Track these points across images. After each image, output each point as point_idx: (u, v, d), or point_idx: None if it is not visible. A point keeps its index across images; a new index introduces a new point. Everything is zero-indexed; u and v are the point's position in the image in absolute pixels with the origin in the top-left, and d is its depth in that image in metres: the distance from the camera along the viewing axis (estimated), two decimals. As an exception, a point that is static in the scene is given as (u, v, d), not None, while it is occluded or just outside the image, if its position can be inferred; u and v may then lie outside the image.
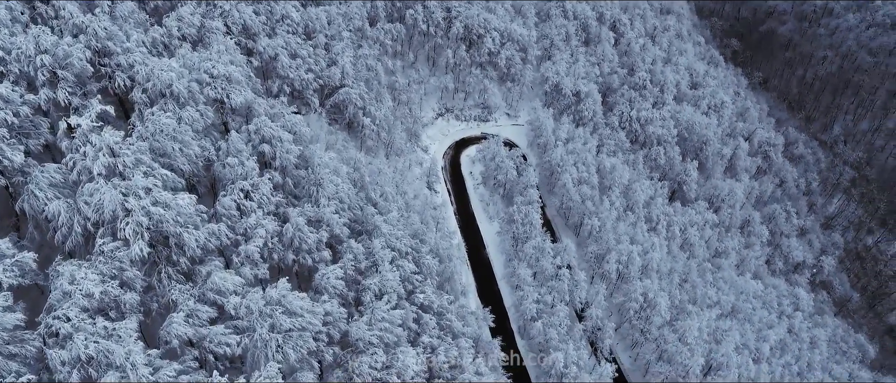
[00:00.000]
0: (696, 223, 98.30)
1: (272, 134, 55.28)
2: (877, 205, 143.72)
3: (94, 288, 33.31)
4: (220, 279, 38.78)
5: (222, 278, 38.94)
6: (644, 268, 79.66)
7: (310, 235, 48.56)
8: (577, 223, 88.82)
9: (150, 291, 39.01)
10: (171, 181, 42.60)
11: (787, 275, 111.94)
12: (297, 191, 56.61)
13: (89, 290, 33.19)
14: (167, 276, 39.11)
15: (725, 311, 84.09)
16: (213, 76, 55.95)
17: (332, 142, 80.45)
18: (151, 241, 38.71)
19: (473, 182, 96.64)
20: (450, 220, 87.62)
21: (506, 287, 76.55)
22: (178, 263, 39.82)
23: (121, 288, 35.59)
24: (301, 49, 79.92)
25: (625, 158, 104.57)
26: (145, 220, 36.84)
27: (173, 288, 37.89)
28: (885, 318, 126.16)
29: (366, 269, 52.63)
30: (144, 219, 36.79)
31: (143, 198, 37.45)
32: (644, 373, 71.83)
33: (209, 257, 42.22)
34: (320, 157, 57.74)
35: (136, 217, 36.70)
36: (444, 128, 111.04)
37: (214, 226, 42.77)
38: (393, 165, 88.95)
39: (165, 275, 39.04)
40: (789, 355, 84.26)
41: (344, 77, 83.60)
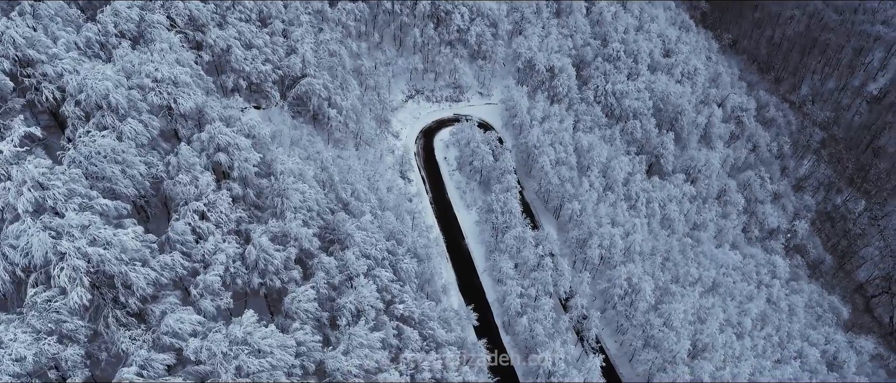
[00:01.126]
0: (674, 197, 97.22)
1: (228, 141, 50.51)
2: (845, 165, 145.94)
3: (27, 350, 29.10)
4: (176, 321, 34.83)
5: (178, 319, 34.99)
6: (626, 250, 78.14)
7: (276, 255, 44.64)
8: (557, 206, 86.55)
9: (96, 339, 34.88)
10: (113, 210, 37.98)
11: (763, 242, 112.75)
12: (261, 200, 52.32)
13: (20, 354, 28.98)
14: (115, 320, 34.97)
15: (707, 287, 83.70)
16: (156, 80, 50.53)
17: (297, 138, 75.50)
18: (94, 283, 34.39)
19: (448, 168, 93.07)
20: (426, 211, 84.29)
21: (488, 280, 74.16)
22: (127, 304, 35.66)
23: (60, 344, 31.40)
24: (256, 38, 74.03)
25: (602, 134, 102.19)
26: (83, 264, 32.41)
27: (123, 336, 33.82)
28: (854, 276, 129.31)
29: (340, 284, 49.19)
30: (82, 262, 32.35)
31: (79, 238, 32.91)
32: (630, 358, 70.98)
33: (163, 292, 38.08)
34: (283, 163, 53.29)
35: (71, 261, 32.25)
36: (415, 111, 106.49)
37: (167, 257, 38.52)
38: (363, 157, 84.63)
39: (113, 319, 34.87)
40: (770, 326, 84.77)
41: (305, 66, 78.09)
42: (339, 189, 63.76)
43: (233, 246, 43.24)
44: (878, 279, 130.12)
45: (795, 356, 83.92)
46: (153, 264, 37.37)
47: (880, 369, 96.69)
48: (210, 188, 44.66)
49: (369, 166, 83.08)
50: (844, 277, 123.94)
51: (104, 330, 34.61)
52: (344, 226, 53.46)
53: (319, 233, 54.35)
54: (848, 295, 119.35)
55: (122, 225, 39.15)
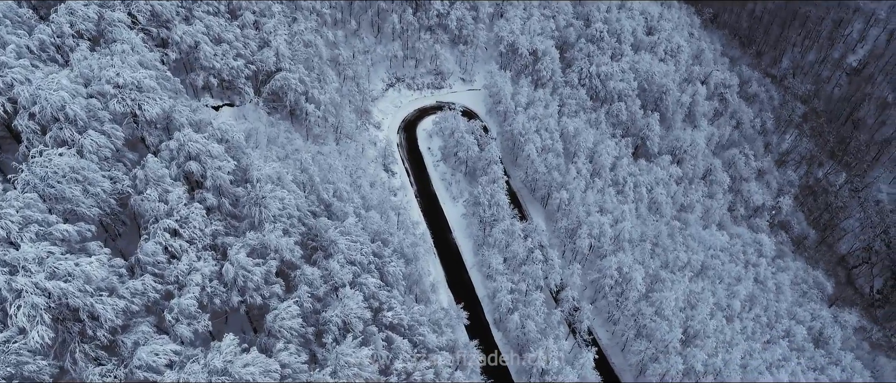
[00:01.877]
0: (661, 180, 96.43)
1: (199, 149, 47.62)
2: (826, 139, 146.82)
3: (-16, 401, 26.73)
4: (150, 354, 32.57)
5: (152, 351, 32.74)
6: (616, 238, 77.19)
7: (255, 270, 42.32)
8: (545, 195, 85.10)
9: (64, 376, 32.53)
10: (75, 235, 35.29)
11: (749, 220, 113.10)
12: (238, 209, 49.72)
13: (-23, 406, 26.59)
14: (83, 356, 32.60)
15: (696, 271, 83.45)
16: (118, 86, 47.25)
17: (274, 136, 72.45)
18: (57, 317, 31.91)
19: (433, 158, 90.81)
20: (411, 205, 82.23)
21: (477, 275, 72.72)
22: (96, 337, 33.26)
23: (23, 389, 29.06)
24: (226, 32, 70.28)
25: (587, 118, 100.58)
26: (42, 300, 29.89)
27: (92, 373, 31.53)
28: (836, 248, 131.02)
29: (325, 296, 47.16)
30: (41, 299, 29.82)
31: (36, 272, 30.31)
32: (622, 348, 70.53)
33: (135, 320, 35.69)
34: (259, 169, 50.56)
35: (29, 298, 29.69)
36: (396, 100, 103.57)
37: (137, 282, 36.04)
38: (344, 152, 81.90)
39: (80, 354, 32.50)
40: (758, 307, 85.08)
41: (279, 60, 74.62)
42: (321, 190, 61.28)
43: (209, 264, 40.78)
44: (859, 250, 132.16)
45: (783, 335, 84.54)
46: (122, 291, 34.91)
47: (864, 342, 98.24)
48: (181, 203, 41.96)
49: (351, 161, 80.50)
50: (827, 251, 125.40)
51: (71, 367, 32.26)
52: (327, 232, 51.20)
53: (302, 241, 52.04)
54: (831, 269, 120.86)
55: (86, 249, 36.55)
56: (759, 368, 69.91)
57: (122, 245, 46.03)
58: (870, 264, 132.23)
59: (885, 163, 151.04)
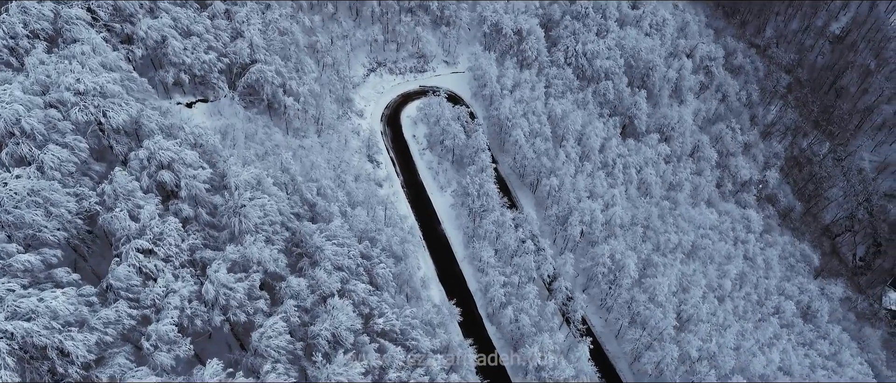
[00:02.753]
0: (650, 160, 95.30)
1: (172, 157, 44.91)
2: (810, 108, 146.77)
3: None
4: (127, 391, 30.57)
5: (130, 388, 30.73)
6: (607, 224, 76.14)
7: (237, 287, 40.20)
8: (534, 181, 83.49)
9: (36, 419, 30.43)
10: (39, 264, 32.78)
11: (736, 195, 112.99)
12: (216, 219, 47.26)
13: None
14: (56, 395, 30.48)
15: (687, 251, 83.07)
16: (79, 93, 44.06)
17: (251, 132, 69.45)
18: (23, 357, 29.65)
19: (418, 147, 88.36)
20: (398, 197, 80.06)
21: (469, 268, 71.30)
22: (67, 374, 31.10)
23: (-11, 440, 26.96)
24: (195, 24, 66.41)
25: (574, 98, 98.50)
26: (3, 345, 27.57)
27: (66, 415, 29.48)
28: (821, 219, 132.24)
29: (313, 307, 45.28)
30: (1, 344, 27.49)
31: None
32: (617, 335, 70.13)
33: (110, 351, 33.54)
34: (237, 175, 47.89)
35: (-10, 343, 27.37)
36: (378, 86, 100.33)
37: (110, 311, 33.77)
38: (327, 144, 79.14)
39: (53, 394, 30.38)
40: (748, 285, 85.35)
41: (254, 51, 71.03)
42: (303, 190, 58.86)
43: (187, 283, 38.56)
44: (842, 219, 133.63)
45: (773, 311, 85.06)
46: (94, 322, 32.66)
47: (849, 313, 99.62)
48: (154, 220, 39.40)
49: (334, 154, 77.84)
50: (812, 221, 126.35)
51: (43, 409, 30.15)
52: (312, 238, 49.03)
53: (286, 247, 49.89)
54: (816, 240, 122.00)
55: (52, 277, 34.12)
56: (752, 349, 70.14)
57: (94, 263, 43.52)
58: (852, 232, 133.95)
59: (867, 130, 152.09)
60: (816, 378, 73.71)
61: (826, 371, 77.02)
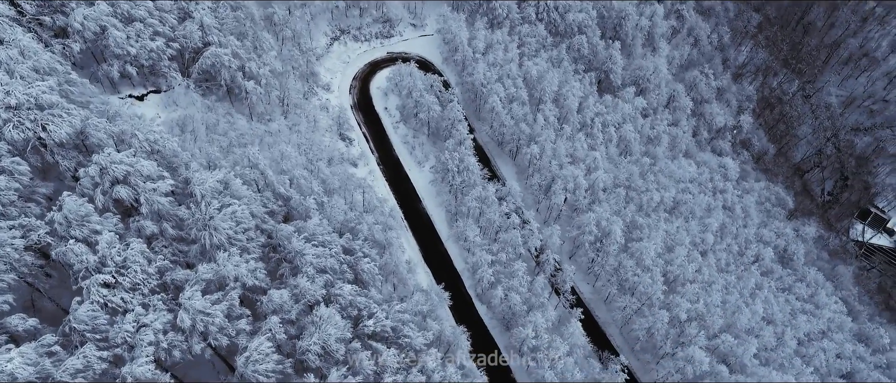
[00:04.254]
0: (628, 116, 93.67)
1: (127, 170, 40.93)
2: (780, 47, 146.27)
3: None
4: (107, 449, 28.19)
5: (109, 445, 28.34)
6: (590, 189, 74.90)
7: (215, 310, 37.48)
8: (514, 148, 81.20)
9: None
10: (-11, 319, 29.40)
11: (712, 143, 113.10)
12: (184, 231, 43.87)
13: None
14: (28, 461, 27.94)
15: (669, 207, 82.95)
16: (11, 107, 39.22)
17: (212, 122, 64.86)
18: (-15, 427, 26.85)
19: (391, 120, 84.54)
20: (375, 176, 76.91)
21: (454, 247, 69.57)
22: (39, 437, 28.48)
23: None
24: (136, 8, 60.20)
25: (548, 56, 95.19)
26: (-41, 424, 24.70)
27: None
28: (792, 158, 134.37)
29: (299, 317, 43.00)
30: (-44, 423, 24.62)
31: (-56, 389, 24.83)
32: (606, 299, 70.17)
33: (84, 401, 30.88)
34: (202, 183, 44.12)
35: (-59, 423, 24.43)
36: (343, 55, 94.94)
37: (76, 360, 30.88)
38: (295, 127, 74.74)
39: (24, 461, 27.82)
40: (729, 236, 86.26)
41: (205, 32, 65.30)
42: (276, 184, 55.35)
43: (160, 313, 35.68)
44: (812, 155, 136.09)
45: (754, 260, 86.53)
46: (60, 375, 29.78)
47: (823, 251, 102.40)
48: (115, 247, 35.94)
49: (303, 137, 73.67)
50: (784, 162, 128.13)
51: None
52: (290, 242, 46.18)
53: (263, 254, 47.04)
54: (788, 180, 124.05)
55: (5, 327, 30.92)
56: (737, 304, 71.24)
57: (54, 293, 40.02)
58: (821, 168, 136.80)
59: (833, 66, 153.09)
60: (798, 323, 75.79)
61: (806, 315, 79.29)
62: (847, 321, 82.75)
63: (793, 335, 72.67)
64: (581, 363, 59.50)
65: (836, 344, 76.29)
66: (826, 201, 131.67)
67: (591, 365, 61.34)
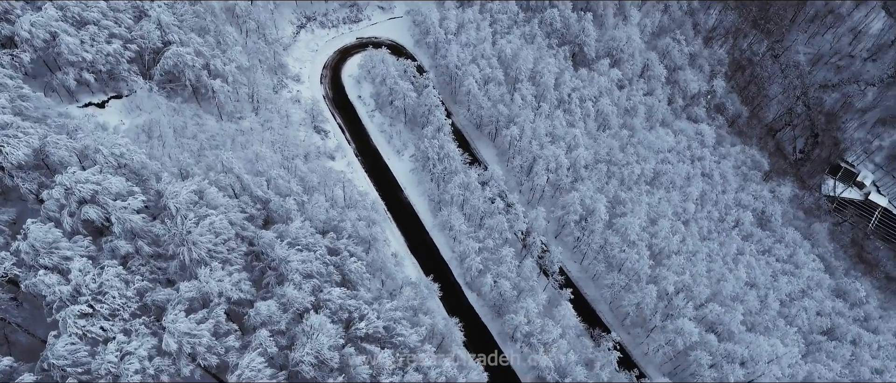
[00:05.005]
0: (604, 89, 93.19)
1: (94, 189, 38.86)
2: (749, 7, 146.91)
3: None
4: None
5: None
6: (572, 167, 74.58)
7: (201, 330, 36.16)
8: (493, 131, 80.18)
9: None
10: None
11: (687, 109, 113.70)
12: (162, 247, 42.11)
13: None
14: None
15: (649, 179, 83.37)
16: (-40, 131, 36.59)
17: (180, 126, 62.27)
18: None
19: (366, 109, 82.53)
20: (354, 168, 75.23)
21: (440, 236, 68.80)
22: None
23: None
24: (88, 11, 56.72)
25: (521, 32, 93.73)
26: None
27: None
28: (764, 118, 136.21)
29: (289, 326, 41.91)
30: None
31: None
32: (593, 277, 70.54)
33: (70, 440, 29.57)
34: (175, 194, 42.22)
35: None
36: (311, 43, 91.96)
37: (59, 399, 29.38)
38: (267, 123, 72.35)
39: None
40: (709, 204, 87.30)
41: (165, 31, 62.11)
42: (253, 187, 53.57)
43: (144, 339, 34.25)
44: (782, 115, 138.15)
45: (734, 225, 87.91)
46: (43, 416, 28.33)
47: (799, 210, 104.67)
48: (89, 274, 34.16)
49: (277, 133, 71.45)
50: (757, 124, 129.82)
51: None
52: (274, 250, 44.78)
53: (246, 263, 45.57)
54: (762, 141, 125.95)
55: (-20, 372, 29.12)
56: (721, 271, 72.39)
57: (30, 323, 38.17)
58: (792, 126, 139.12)
59: (800, 24, 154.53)
60: (779, 285, 77.56)
61: (786, 276, 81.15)
62: (825, 278, 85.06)
63: (775, 297, 74.38)
64: (573, 343, 59.91)
65: (816, 301, 78.42)
66: (798, 159, 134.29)
67: (584, 344, 61.85)
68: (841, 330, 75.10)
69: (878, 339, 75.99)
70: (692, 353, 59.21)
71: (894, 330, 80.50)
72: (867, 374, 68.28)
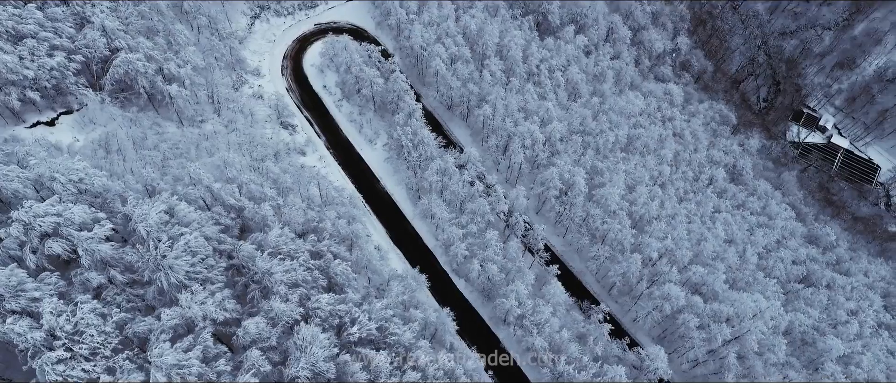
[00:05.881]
0: (571, 57, 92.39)
1: (55, 222, 36.49)
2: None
3: None
4: None
5: None
6: (548, 141, 74.05)
7: (190, 358, 34.73)
8: (465, 111, 78.80)
9: None
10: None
11: (654, 69, 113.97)
12: (137, 274, 40.11)
13: None
14: None
15: (623, 145, 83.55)
16: None
17: (139, 137, 59.26)
18: None
19: (333, 99, 79.96)
20: (327, 162, 73.17)
21: (422, 225, 67.79)
22: None
23: None
24: (24, 24, 52.61)
25: (484, 6, 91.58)
26: None
27: None
28: (728, 71, 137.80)
29: (280, 340, 40.76)
30: None
31: None
32: (577, 251, 70.91)
33: None
34: (143, 216, 40.00)
35: None
36: (268, 33, 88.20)
37: (46, 454, 27.84)
38: (231, 124, 69.46)
39: None
40: (683, 164, 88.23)
41: (111, 37, 58.27)
42: (224, 196, 51.42)
43: (130, 374, 32.67)
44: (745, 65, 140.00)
45: (708, 182, 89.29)
46: None
47: (768, 161, 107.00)
48: (61, 316, 32.22)
49: (242, 134, 68.73)
50: (722, 78, 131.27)
51: None
52: (255, 263, 43.18)
53: (227, 279, 43.89)
54: (728, 94, 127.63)
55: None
56: (702, 232, 73.67)
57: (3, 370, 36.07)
58: (755, 76, 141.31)
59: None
60: (756, 239, 79.47)
61: (761, 228, 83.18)
62: (798, 227, 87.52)
63: (753, 251, 76.21)
64: (564, 319, 60.35)
65: (791, 250, 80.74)
66: (762, 109, 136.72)
67: (574, 317, 62.41)
68: (816, 276, 77.65)
69: (851, 281, 78.91)
70: (680, 317, 60.35)
71: (864, 269, 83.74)
72: (844, 316, 71.03)
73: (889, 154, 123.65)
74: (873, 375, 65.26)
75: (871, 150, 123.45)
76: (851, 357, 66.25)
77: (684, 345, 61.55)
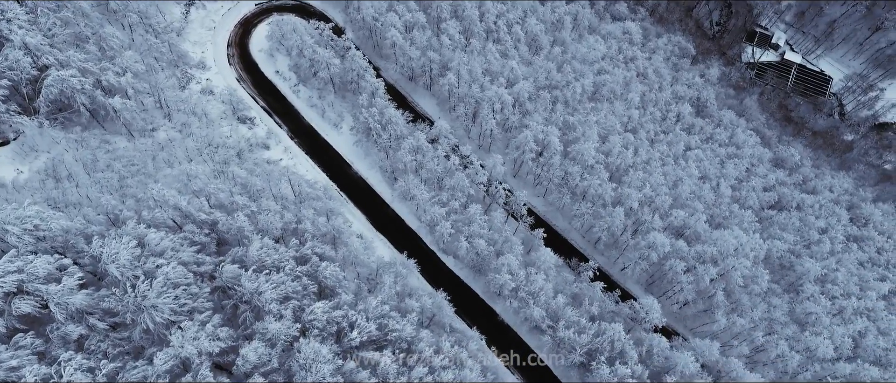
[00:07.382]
0: (527, 8, 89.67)
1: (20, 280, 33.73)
2: None
3: None
4: None
5: None
6: (517, 103, 72.52)
7: (193, 401, 33.29)
8: (428, 81, 76.12)
9: None
10: None
11: (610, 9, 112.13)
12: (119, 317, 37.83)
13: None
14: None
15: (590, 95, 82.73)
16: None
17: (89, 159, 55.09)
18: None
19: (289, 85, 75.91)
20: (293, 154, 70.05)
21: (402, 207, 66.22)
22: None
23: None
24: (-69, 53, 46.97)
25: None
26: None
27: None
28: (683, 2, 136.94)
29: (282, 359, 39.52)
30: None
31: None
32: (559, 209, 70.91)
33: None
34: (114, 254, 37.32)
35: None
36: (206, 21, 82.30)
37: None
38: (186, 130, 65.32)
39: None
40: (650, 105, 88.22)
41: (35, 56, 52.90)
42: (194, 213, 48.65)
43: (131, 431, 31.11)
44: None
45: (675, 119, 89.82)
46: None
47: (729, 88, 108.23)
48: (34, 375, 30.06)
49: (199, 138, 64.76)
50: (676, 7, 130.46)
51: None
52: (242, 285, 41.26)
53: (215, 303, 41.96)
54: (683, 23, 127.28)
55: None
56: (677, 173, 74.50)
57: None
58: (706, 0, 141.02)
59: None
60: (727, 171, 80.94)
61: (731, 159, 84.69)
62: (765, 152, 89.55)
63: (726, 184, 77.79)
64: (556, 281, 60.79)
65: (761, 178, 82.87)
66: (716, 33, 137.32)
67: (565, 278, 62.99)
68: (786, 200, 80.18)
69: (819, 199, 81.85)
70: (667, 263, 61.55)
71: (829, 185, 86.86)
72: (816, 235, 73.98)
73: (840, 64, 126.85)
74: (848, 288, 68.66)
75: (822, 62, 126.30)
76: (827, 275, 69.36)
77: (673, 289, 63.15)
